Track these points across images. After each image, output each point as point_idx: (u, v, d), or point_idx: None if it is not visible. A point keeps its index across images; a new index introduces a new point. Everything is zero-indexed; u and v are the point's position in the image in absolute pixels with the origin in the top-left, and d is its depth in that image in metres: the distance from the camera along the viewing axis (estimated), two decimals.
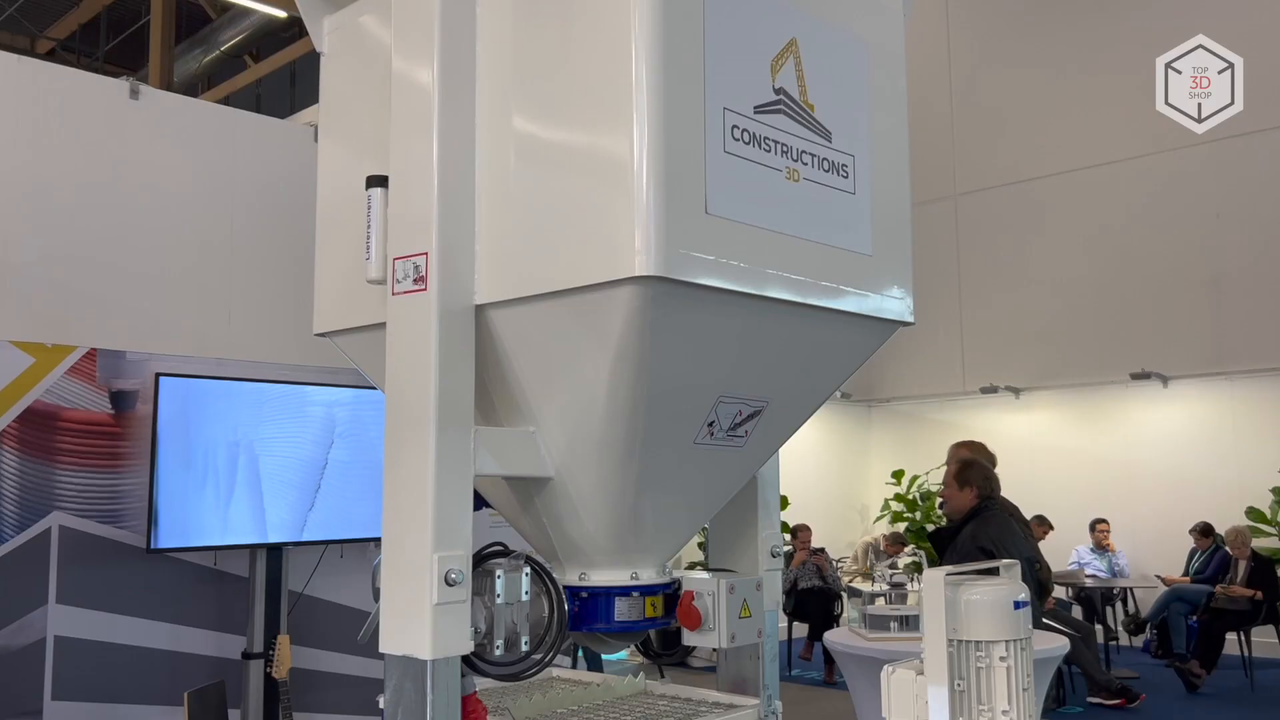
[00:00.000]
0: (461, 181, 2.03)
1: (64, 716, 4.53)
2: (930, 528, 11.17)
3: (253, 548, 4.91)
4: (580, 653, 4.92)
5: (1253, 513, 10.43)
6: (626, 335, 1.87)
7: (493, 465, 2.05)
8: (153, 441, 4.60)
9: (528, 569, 2.15)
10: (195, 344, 5.44)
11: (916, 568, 9.16)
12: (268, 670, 4.78)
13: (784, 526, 10.57)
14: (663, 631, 2.55)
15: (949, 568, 1.76)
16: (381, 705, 2.01)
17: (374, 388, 2.33)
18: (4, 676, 4.39)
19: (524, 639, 2.12)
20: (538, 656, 2.15)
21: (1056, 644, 3.81)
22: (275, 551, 5.01)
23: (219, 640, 5.00)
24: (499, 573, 2.08)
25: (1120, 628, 10.94)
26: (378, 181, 2.10)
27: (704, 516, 2.49)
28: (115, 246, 5.35)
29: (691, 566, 2.67)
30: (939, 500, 5.25)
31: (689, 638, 2.41)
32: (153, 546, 4.56)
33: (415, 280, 1.98)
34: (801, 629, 10.10)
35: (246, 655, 4.91)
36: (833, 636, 4.05)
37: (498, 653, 2.07)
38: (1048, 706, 5.68)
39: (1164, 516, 11.07)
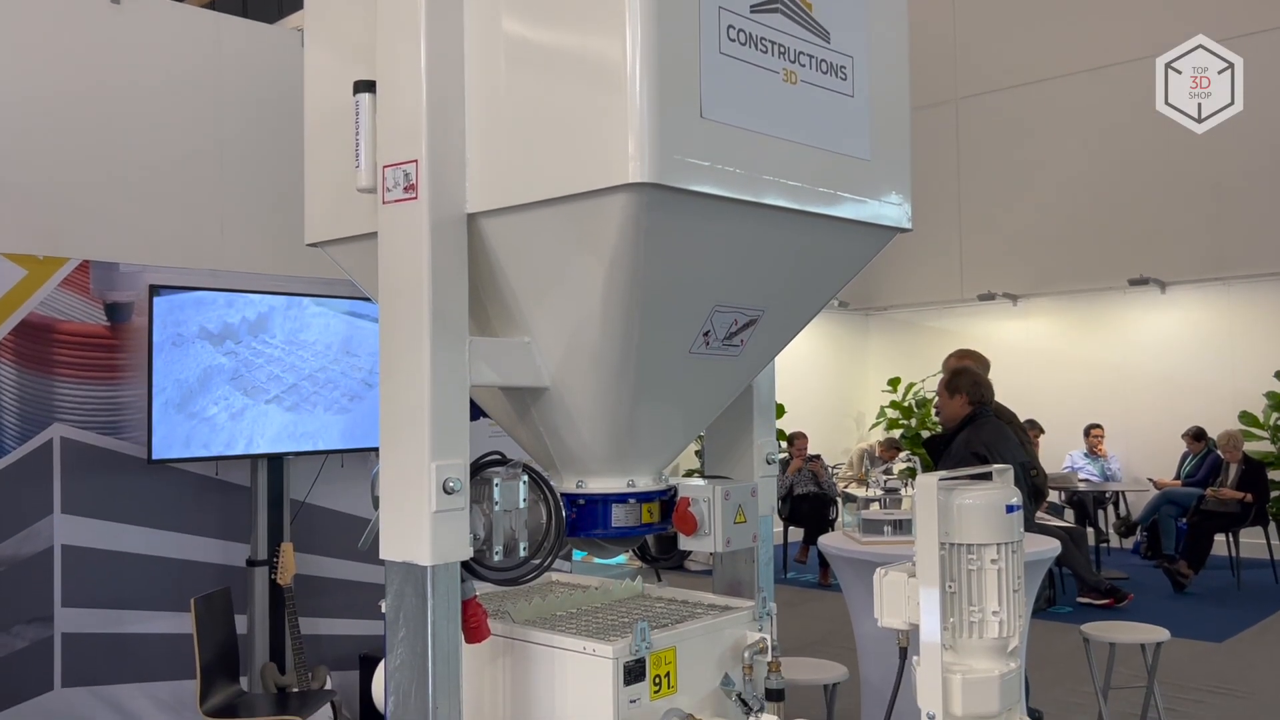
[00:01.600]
0: (451, 86, 1.99)
1: (74, 622, 4.63)
2: (926, 434, 11.28)
3: (253, 458, 4.95)
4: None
5: (1245, 417, 10.53)
6: (620, 244, 1.85)
7: (488, 375, 2.05)
8: (149, 353, 4.60)
9: (525, 477, 2.16)
10: (188, 256, 5.40)
11: (911, 473, 9.25)
12: (272, 577, 4.87)
13: (780, 434, 10.67)
14: (660, 537, 2.59)
15: (942, 473, 1.77)
16: (384, 610, 2.04)
17: (369, 298, 2.32)
18: (14, 584, 4.47)
19: (522, 545, 2.15)
20: (536, 562, 2.18)
21: (1047, 546, 3.87)
22: (276, 461, 5.06)
23: (223, 548, 5.08)
24: (496, 481, 2.10)
25: (1111, 530, 11.13)
26: (365, 87, 2.05)
27: (700, 425, 2.51)
28: (104, 157, 5.28)
29: (690, 474, 2.69)
30: (934, 407, 5.30)
31: (685, 543, 2.45)
32: (154, 457, 4.60)
33: (405, 189, 1.95)
34: (797, 534, 10.27)
35: (251, 562, 5.00)
36: (827, 540, 4.11)
37: (497, 558, 2.10)
38: (1038, 607, 5.80)
39: (1158, 421, 11.17)
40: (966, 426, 4.64)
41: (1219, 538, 9.48)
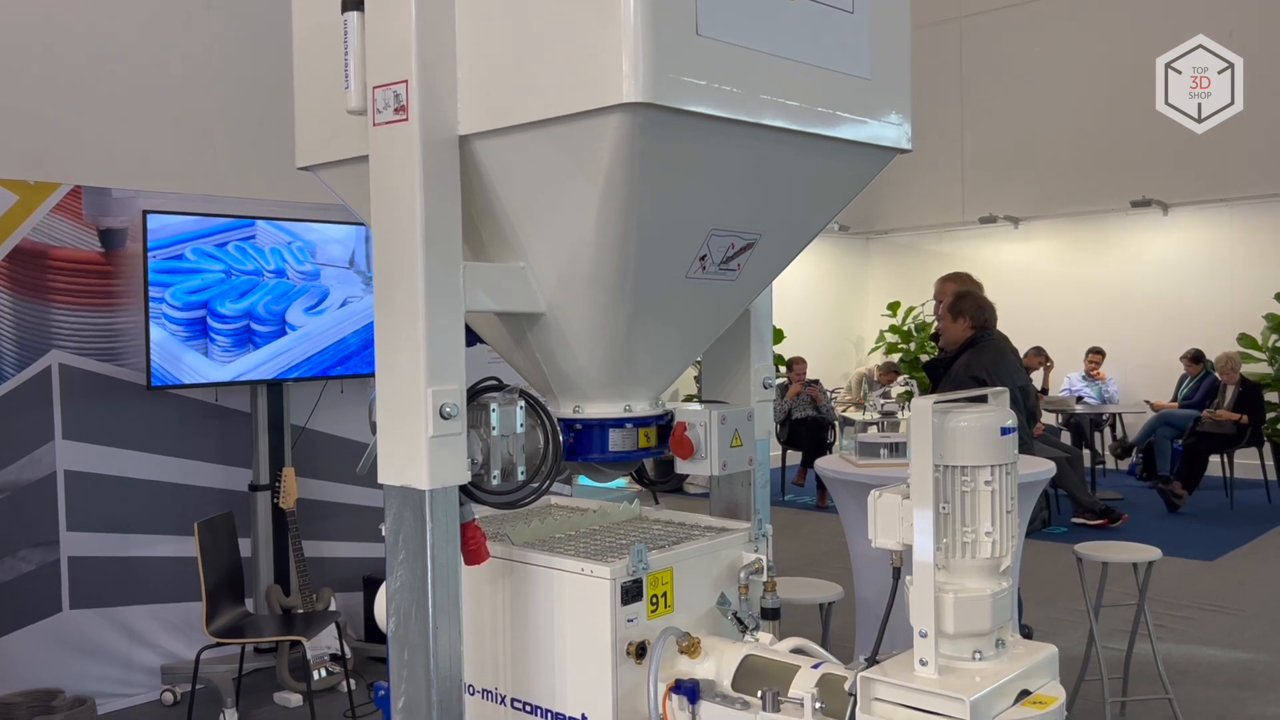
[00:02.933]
0: (441, 4, 1.94)
1: (80, 546, 4.69)
2: (924, 358, 11.30)
3: (253, 384, 4.97)
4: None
5: (1244, 339, 10.53)
6: (615, 166, 1.82)
7: (483, 301, 2.04)
8: (144, 279, 4.59)
9: (522, 402, 2.17)
10: (181, 181, 5.35)
11: (908, 397, 9.29)
12: (274, 501, 4.92)
13: (779, 359, 10.69)
14: (658, 460, 2.60)
15: (937, 395, 1.77)
16: (384, 533, 2.06)
17: (363, 223, 2.30)
18: (19, 509, 4.52)
19: (520, 469, 2.16)
20: (534, 485, 2.20)
21: (1043, 468, 3.90)
22: (275, 387, 5.07)
23: (225, 473, 5.12)
24: (493, 406, 2.10)
25: (1107, 452, 11.22)
26: (353, 5, 2.00)
27: (697, 350, 2.50)
28: (93, 81, 5.20)
29: (689, 399, 2.70)
30: (935, 330, 5.28)
31: (682, 466, 2.46)
32: (153, 384, 4.61)
33: (396, 110, 1.91)
34: (795, 457, 10.36)
35: (253, 487, 5.04)
36: (824, 463, 4.14)
37: (494, 482, 2.11)
38: (1034, 528, 5.87)
39: (1157, 344, 11.18)
40: (967, 350, 4.64)
41: (1213, 459, 9.56)
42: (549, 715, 2.16)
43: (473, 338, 2.33)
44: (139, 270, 4.63)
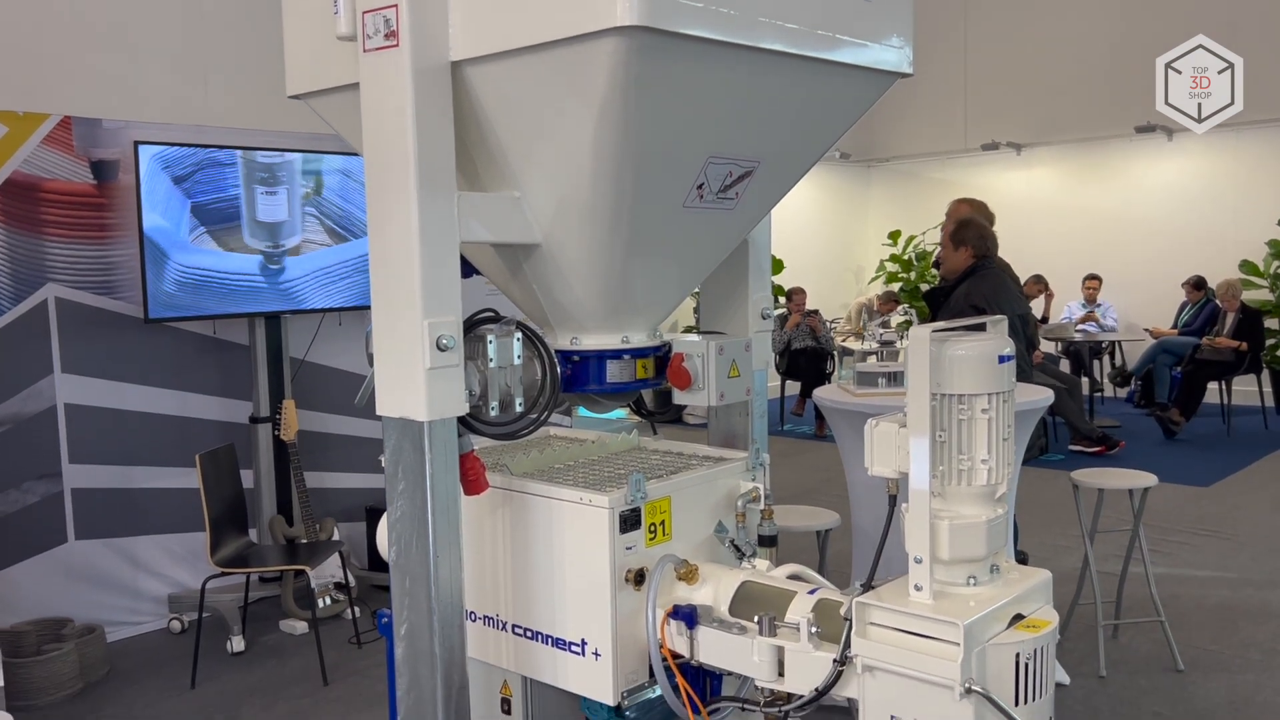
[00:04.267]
0: None
1: (83, 478, 4.72)
2: (925, 287, 11.26)
3: (251, 316, 4.95)
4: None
5: (1246, 265, 10.48)
6: (610, 92, 1.79)
7: (478, 231, 2.02)
8: (138, 211, 4.55)
9: (519, 334, 2.16)
10: (172, 111, 5.27)
11: (908, 326, 9.29)
12: (275, 433, 4.94)
13: (778, 289, 10.66)
14: (657, 391, 2.61)
15: (936, 324, 1.76)
16: (384, 464, 2.07)
17: (357, 153, 2.26)
18: (21, 442, 4.54)
19: (518, 401, 2.16)
20: (532, 417, 2.20)
21: (1041, 396, 3.90)
22: (274, 319, 5.06)
23: (225, 406, 5.14)
24: (490, 338, 2.09)
25: (1106, 380, 11.25)
26: None
27: (694, 280, 2.49)
28: (81, 10, 5.09)
29: (689, 331, 2.69)
30: (936, 258, 5.25)
31: (679, 397, 2.47)
32: (150, 316, 4.60)
33: (386, 35, 1.87)
34: (795, 387, 10.38)
35: (254, 419, 5.06)
36: (822, 393, 4.14)
37: (493, 414, 2.12)
38: (1031, 455, 5.91)
39: (1159, 271, 11.14)
40: (967, 279, 4.62)
41: (1211, 386, 9.58)
42: (549, 640, 2.20)
43: (468, 269, 2.32)
44: (132, 202, 4.59)
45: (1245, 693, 3.95)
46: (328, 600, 4.94)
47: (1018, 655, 1.66)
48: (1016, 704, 1.65)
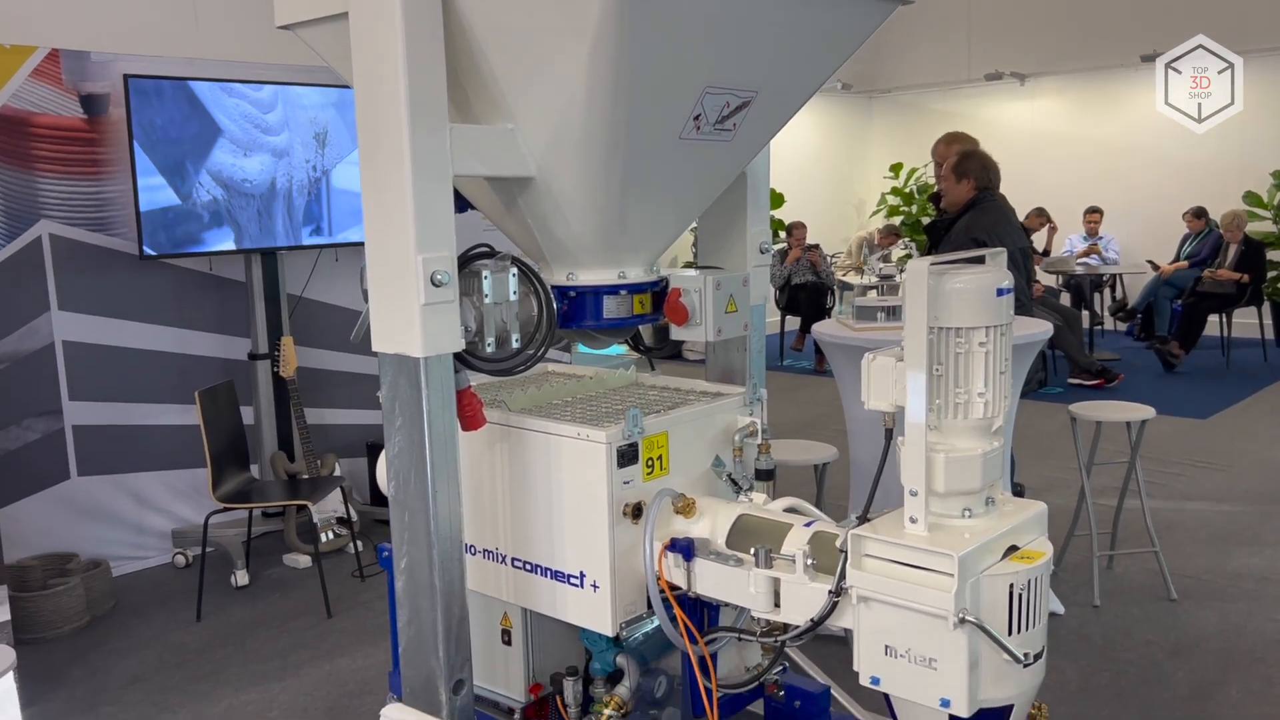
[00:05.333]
0: None
1: (83, 415, 4.74)
2: (926, 220, 11.19)
3: (246, 252, 4.93)
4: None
5: (1250, 197, 10.40)
6: (604, 19, 1.75)
7: (471, 165, 1.99)
8: (130, 146, 4.50)
9: (515, 269, 2.14)
10: (162, 44, 5.19)
11: (908, 260, 9.25)
12: (275, 370, 4.94)
13: (778, 224, 10.59)
14: (655, 327, 2.60)
15: (934, 257, 1.74)
16: (381, 400, 2.07)
17: (348, 85, 2.22)
18: (20, 379, 4.55)
19: (514, 337, 2.15)
20: (529, 353, 2.19)
21: (1040, 329, 3.89)
22: (270, 256, 5.04)
23: (223, 342, 5.14)
24: (485, 273, 2.08)
25: (1107, 313, 11.23)
26: None
27: (692, 214, 2.46)
28: None
29: (687, 266, 2.67)
30: (937, 191, 5.19)
31: (677, 333, 2.46)
32: (145, 253, 4.57)
33: None
34: (794, 322, 10.37)
35: (252, 356, 5.06)
36: (821, 328, 4.13)
37: (489, 350, 2.11)
38: (1030, 388, 5.92)
39: (1162, 204, 11.06)
40: (968, 212, 4.58)
41: (1212, 318, 9.57)
42: (548, 573, 2.22)
43: (462, 203, 2.29)
44: (124, 137, 4.53)
45: (1237, 621, 4.01)
46: (330, 535, 4.99)
47: (1011, 586, 1.67)
48: (1010, 633, 1.67)
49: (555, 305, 2.22)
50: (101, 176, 4.71)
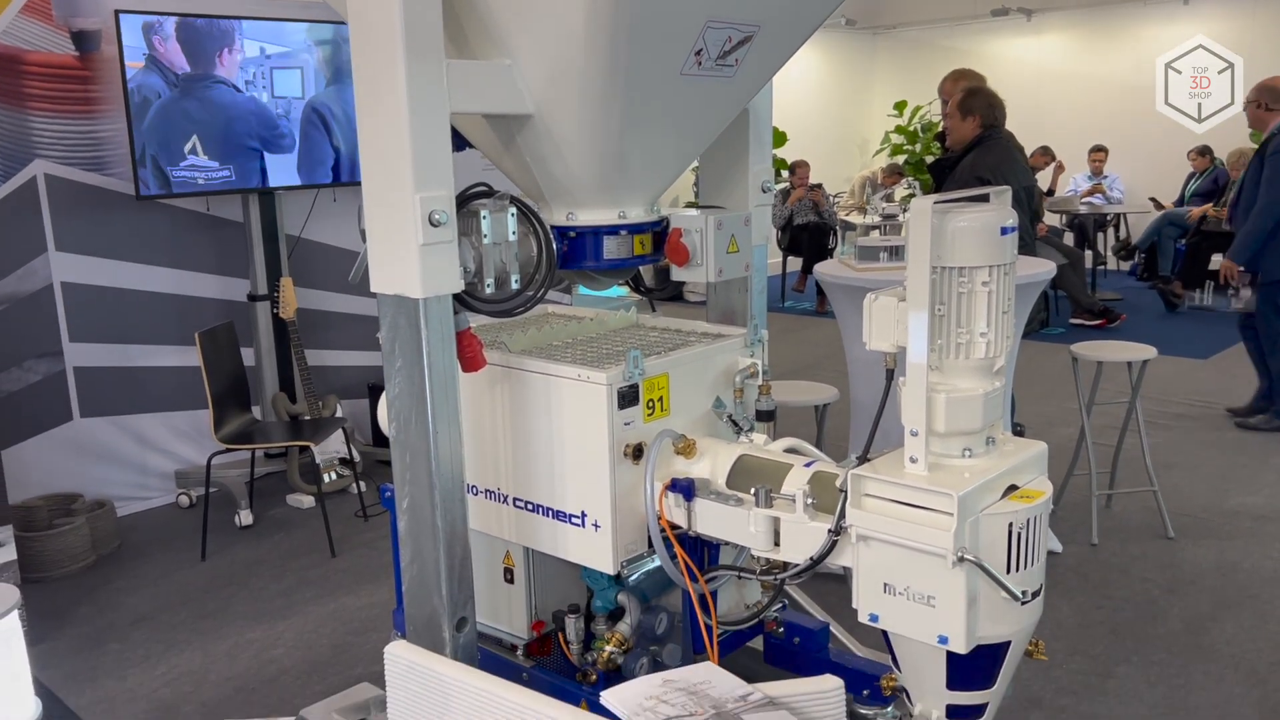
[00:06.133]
0: None
1: (84, 357, 4.74)
2: (930, 159, 11.08)
3: (244, 192, 4.88)
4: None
5: (1256, 135, 10.27)
6: None
7: (468, 102, 1.96)
8: (123, 84, 4.43)
9: (513, 209, 2.12)
10: None
11: (912, 200, 9.17)
12: (274, 311, 4.93)
13: (781, 163, 10.49)
14: (656, 268, 2.58)
15: (937, 195, 1.72)
16: (381, 341, 2.06)
17: (343, 21, 2.18)
18: (19, 320, 4.54)
19: (514, 277, 2.14)
20: (528, 294, 2.18)
21: (1043, 269, 3.87)
22: (267, 196, 4.99)
23: (222, 283, 5.12)
24: (484, 213, 2.06)
25: (1110, 253, 11.17)
26: None
27: (693, 152, 2.43)
28: None
29: (689, 206, 2.64)
30: (941, 129, 5.13)
31: (677, 273, 2.44)
32: (142, 193, 4.53)
33: None
34: (796, 263, 10.32)
35: (252, 297, 5.05)
36: (823, 268, 4.11)
37: (489, 291, 2.09)
38: (1032, 328, 5.91)
39: (1168, 142, 10.93)
40: (973, 150, 4.53)
41: (1216, 257, 9.51)
42: (550, 513, 2.23)
43: (460, 142, 2.26)
44: (116, 74, 4.46)
45: (1233, 558, 4.05)
46: (333, 475, 5.01)
47: (1010, 525, 1.68)
48: (1008, 572, 1.68)
49: (555, 246, 2.20)
50: (95, 115, 4.65)
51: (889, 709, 2.05)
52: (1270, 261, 5.53)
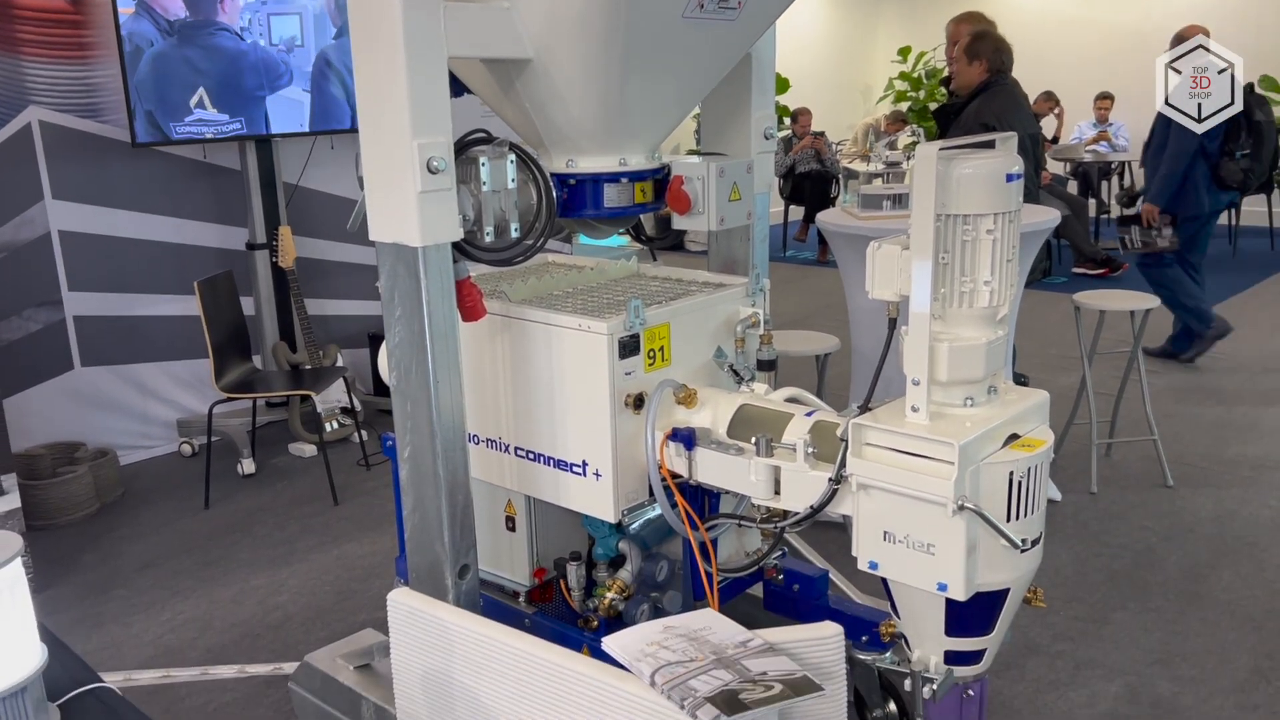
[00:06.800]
0: None
1: (83, 306, 4.73)
2: (934, 106, 10.96)
3: (241, 139, 4.84)
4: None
5: (1265, 81, 10.15)
6: None
7: (466, 46, 1.93)
8: (115, 28, 4.37)
9: (513, 156, 2.10)
10: None
11: (915, 147, 9.08)
12: (273, 260, 4.91)
13: (784, 110, 10.37)
14: (657, 217, 2.56)
15: (942, 141, 1.70)
16: (380, 290, 2.05)
17: None
18: (17, 269, 4.52)
19: (513, 226, 2.12)
20: (528, 243, 2.16)
21: (1047, 217, 3.84)
22: (264, 143, 4.94)
23: (221, 232, 5.09)
24: (483, 160, 2.03)
25: (1113, 202, 11.08)
26: None
27: (694, 98, 2.40)
28: None
29: (691, 154, 2.61)
30: (947, 73, 5.06)
31: (679, 222, 2.42)
32: (138, 141, 4.49)
33: None
34: (798, 212, 10.26)
35: (250, 246, 5.02)
36: (825, 217, 4.08)
37: (488, 239, 2.08)
38: (1034, 277, 5.89)
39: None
40: (979, 95, 4.48)
41: None
42: (551, 462, 2.23)
43: (459, 87, 2.23)
44: (109, 20, 4.40)
45: (1231, 506, 4.07)
46: (334, 424, 5.02)
47: (1011, 474, 1.68)
48: (1008, 520, 1.68)
49: (555, 193, 2.18)
50: (88, 61, 4.59)
51: (887, 655, 2.07)
52: (1185, 201, 5.89)
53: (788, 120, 10.36)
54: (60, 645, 1.73)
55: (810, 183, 10.02)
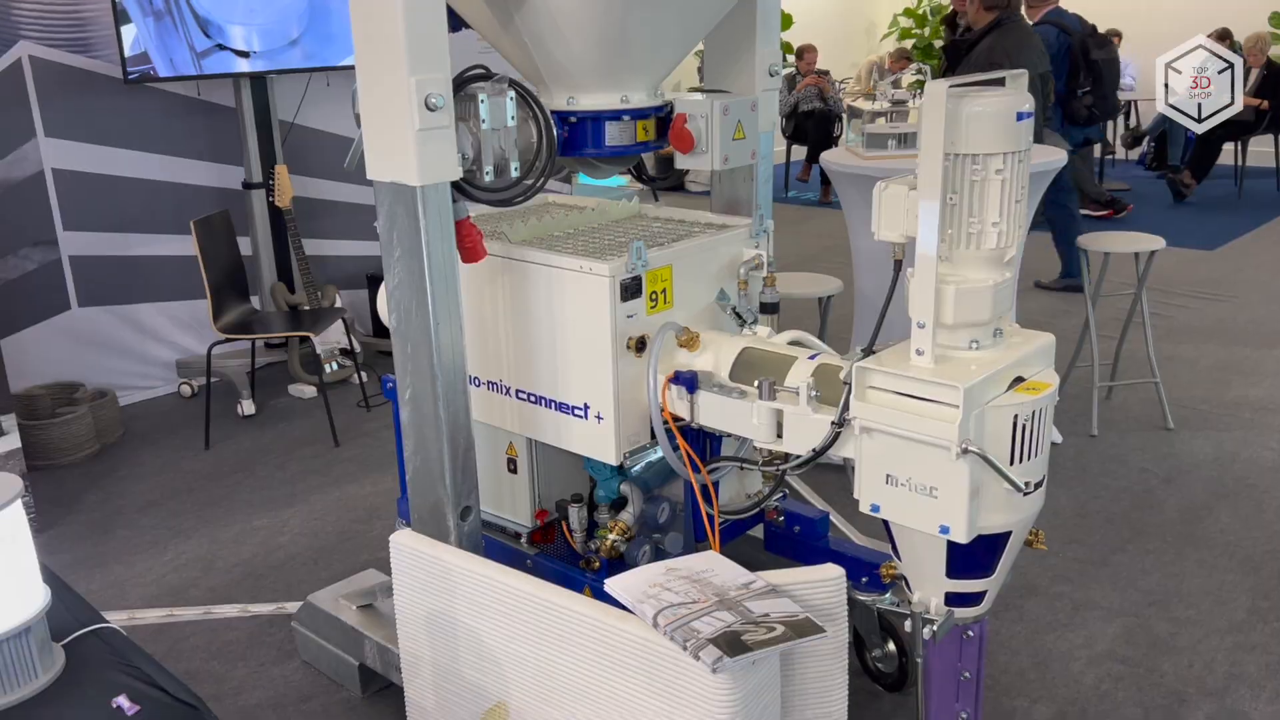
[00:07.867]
0: None
1: (79, 245, 4.69)
2: (939, 44, 10.78)
3: (235, 76, 4.76)
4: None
5: (1275, 18, 9.98)
6: None
7: None
8: None
9: (512, 93, 2.06)
10: None
11: (920, 85, 8.95)
12: (270, 200, 4.85)
13: (787, 46, 10.20)
14: (658, 156, 2.52)
15: (953, 79, 1.66)
16: (379, 230, 2.02)
17: None
18: (12, 208, 4.48)
19: (513, 165, 2.09)
20: (528, 182, 2.13)
21: (1054, 157, 3.79)
22: (259, 80, 4.86)
23: (217, 171, 5.02)
24: (482, 97, 1.99)
25: (1118, 142, 10.96)
26: None
27: (698, 33, 2.35)
28: None
29: (694, 91, 2.56)
30: (947, 12, 4.98)
31: (682, 161, 2.38)
32: (130, 77, 4.41)
33: None
34: (800, 152, 10.14)
35: (247, 185, 4.96)
36: (829, 156, 4.02)
37: (488, 179, 2.05)
38: (1039, 220, 5.84)
39: (1185, 26, 10.60)
40: (991, 32, 4.40)
41: (1226, 147, 9.34)
42: (553, 404, 2.22)
43: (456, 22, 2.18)
44: None
45: (1231, 448, 4.07)
46: (334, 366, 5.01)
47: (1015, 417, 1.67)
48: (1011, 463, 1.68)
49: (555, 131, 2.14)
50: None
51: (888, 596, 2.08)
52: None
53: (791, 57, 10.20)
54: (63, 585, 1.73)
55: (813, 122, 9.89)
